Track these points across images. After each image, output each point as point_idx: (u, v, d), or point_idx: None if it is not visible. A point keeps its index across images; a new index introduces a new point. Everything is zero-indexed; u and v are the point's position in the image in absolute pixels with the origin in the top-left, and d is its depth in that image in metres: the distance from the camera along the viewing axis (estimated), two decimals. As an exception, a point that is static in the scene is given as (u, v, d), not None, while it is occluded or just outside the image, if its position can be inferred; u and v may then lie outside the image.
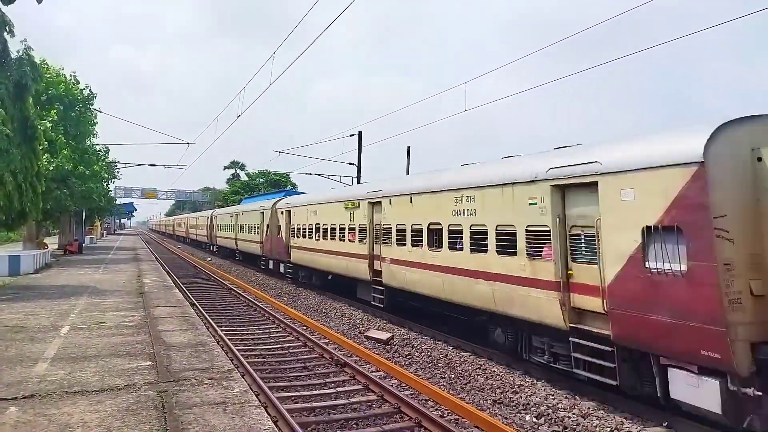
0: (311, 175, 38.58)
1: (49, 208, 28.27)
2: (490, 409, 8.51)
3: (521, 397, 8.95)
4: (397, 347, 12.53)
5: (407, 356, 11.81)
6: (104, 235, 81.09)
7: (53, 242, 42.50)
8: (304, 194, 26.84)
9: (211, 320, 14.81)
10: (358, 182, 31.91)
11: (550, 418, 8.07)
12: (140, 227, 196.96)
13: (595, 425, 7.72)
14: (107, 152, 39.83)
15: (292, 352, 12.15)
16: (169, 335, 10.22)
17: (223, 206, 60.60)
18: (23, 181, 17.47)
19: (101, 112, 34.07)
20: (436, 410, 8.26)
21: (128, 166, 44.36)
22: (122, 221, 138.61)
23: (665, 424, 7.59)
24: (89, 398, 6.40)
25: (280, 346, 12.73)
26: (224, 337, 12.67)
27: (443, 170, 13.72)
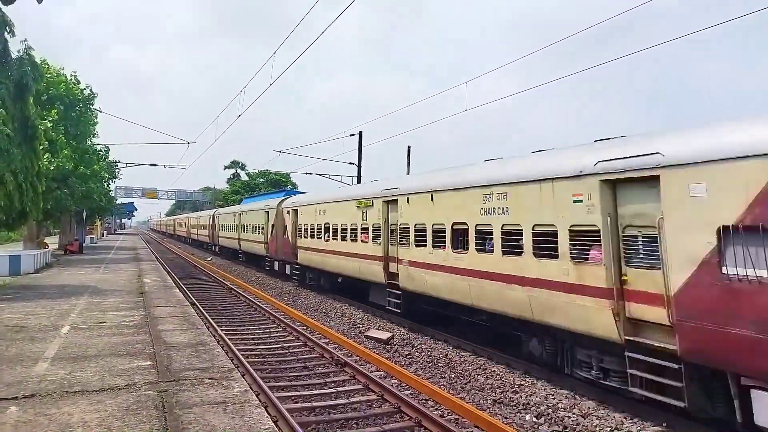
0: (311, 175, 38.64)
1: (49, 207, 28.30)
2: (490, 408, 8.52)
3: (521, 396, 8.95)
4: (397, 347, 12.54)
5: (407, 356, 11.82)
6: (104, 234, 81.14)
7: (54, 242, 42.54)
8: (311, 193, 25.92)
9: (211, 320, 14.83)
10: (358, 182, 31.77)
11: (550, 417, 8.08)
12: (140, 227, 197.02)
13: (595, 425, 7.72)
14: (107, 152, 39.90)
15: (292, 351, 12.17)
16: (169, 335, 10.23)
17: (223, 206, 60.51)
18: (24, 180, 17.47)
19: (101, 111, 34.10)
20: (436, 410, 8.27)
21: (128, 166, 44.45)
22: (122, 221, 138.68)
23: (665, 424, 7.59)
24: (89, 398, 6.41)
25: (280, 345, 12.74)
26: (224, 336, 12.69)
27: (468, 166, 12.65)
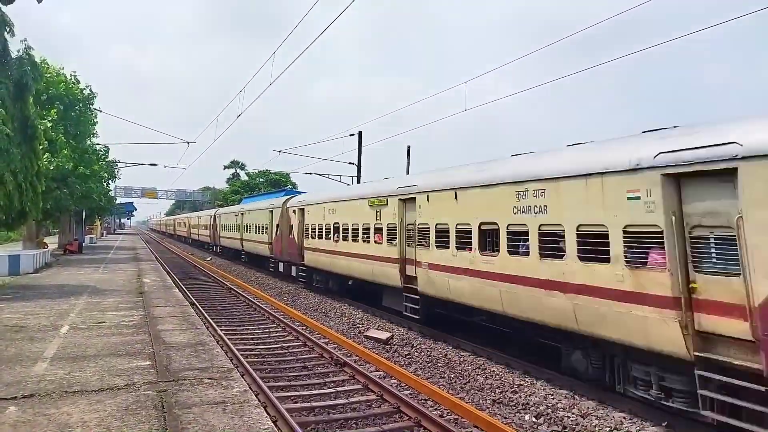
0: (311, 174, 38.63)
1: (48, 207, 28.30)
2: (489, 408, 8.52)
3: (520, 396, 8.96)
4: (396, 347, 12.54)
5: (407, 356, 11.82)
6: (104, 234, 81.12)
7: (53, 242, 42.52)
8: (319, 192, 24.83)
9: (210, 320, 14.83)
10: (358, 182, 31.59)
11: (549, 417, 8.08)
12: (140, 227, 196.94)
13: (594, 425, 7.72)
14: (107, 152, 39.89)
15: (291, 351, 12.16)
16: (168, 335, 10.22)
17: (222, 206, 60.44)
18: (23, 180, 17.47)
19: (101, 111, 34.11)
20: (435, 410, 8.28)
21: (128, 165, 44.43)
22: (122, 221, 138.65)
23: (665, 423, 7.59)
24: (89, 398, 6.40)
25: (279, 345, 12.74)
26: (224, 336, 12.69)
27: (495, 160, 11.76)
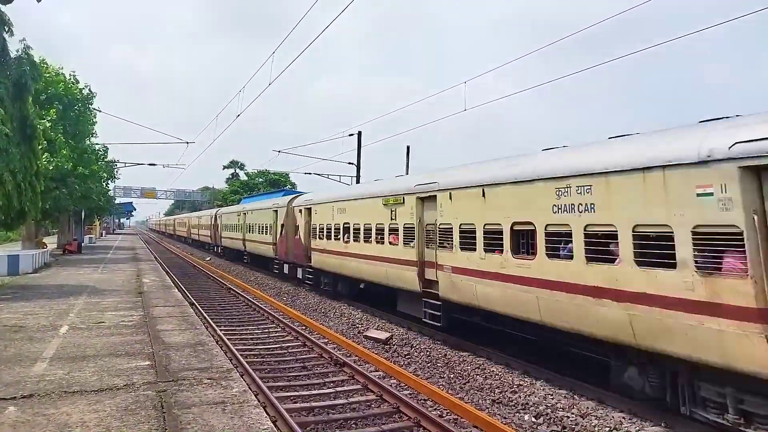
0: (310, 174, 38.64)
1: (48, 207, 28.29)
2: (488, 408, 8.52)
3: (520, 396, 8.96)
4: (396, 347, 12.54)
5: (406, 356, 11.82)
6: (103, 234, 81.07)
7: (52, 242, 42.46)
8: (327, 190, 23.87)
9: (210, 320, 14.82)
10: (357, 182, 31.48)
11: (548, 417, 8.08)
12: (139, 227, 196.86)
13: (594, 425, 7.72)
14: (106, 151, 39.89)
15: (291, 351, 12.16)
16: (168, 335, 10.22)
17: (222, 206, 60.37)
18: (22, 180, 17.45)
19: (100, 111, 34.13)
20: (435, 410, 8.27)
21: (127, 165, 44.48)
22: (121, 221, 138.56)
23: (664, 423, 7.59)
24: (88, 398, 6.39)
25: (279, 345, 12.73)
26: (223, 336, 12.68)
27: (528, 155, 10.77)
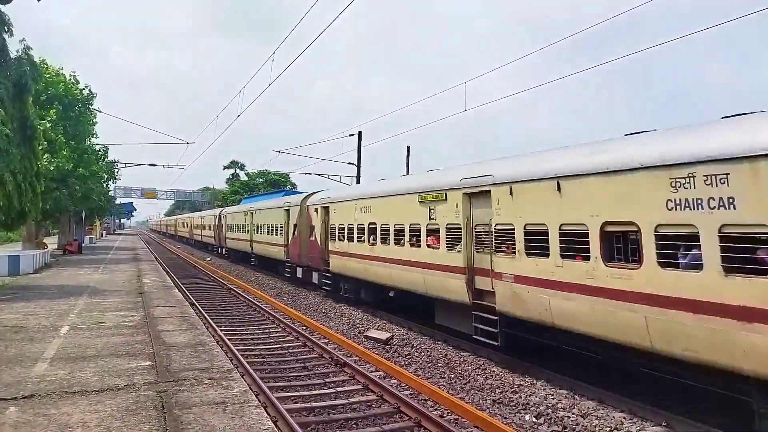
0: (311, 175, 38.66)
1: (48, 208, 28.29)
2: (489, 408, 8.52)
3: (521, 396, 8.96)
4: (396, 347, 12.54)
5: (407, 356, 11.82)
6: (104, 235, 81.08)
7: (53, 242, 42.49)
8: (347, 186, 21.67)
9: (210, 320, 14.83)
10: (357, 182, 31.21)
11: (549, 417, 8.08)
12: (140, 227, 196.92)
13: (594, 425, 7.72)
14: (106, 152, 39.90)
15: (291, 352, 12.16)
16: (168, 335, 10.22)
17: (222, 206, 60.31)
18: (23, 181, 17.46)
19: (101, 111, 34.15)
20: (435, 410, 8.28)
21: (128, 166, 44.50)
22: (122, 221, 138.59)
23: (664, 423, 7.59)
24: (89, 398, 6.40)
25: (279, 346, 12.74)
26: (224, 337, 12.69)
27: (615, 139, 9.08)
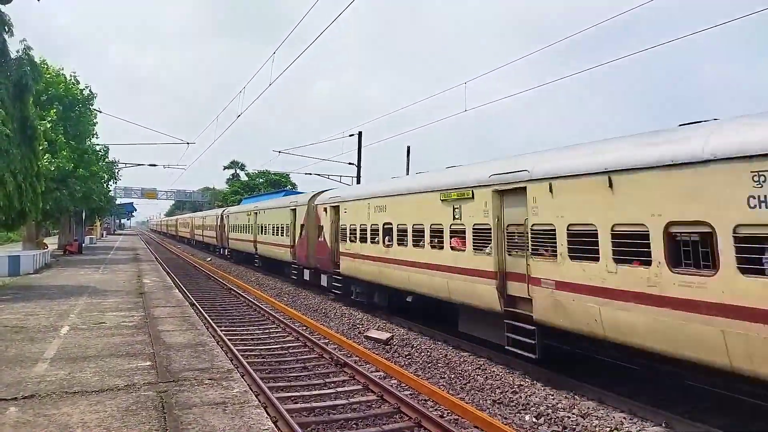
0: (311, 175, 38.66)
1: (48, 208, 28.29)
2: (489, 408, 8.52)
3: (521, 396, 8.96)
4: (396, 347, 12.54)
5: (407, 356, 11.82)
6: (104, 235, 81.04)
7: (53, 242, 42.50)
8: (359, 185, 20.55)
9: (210, 320, 14.84)
10: (358, 182, 31.09)
11: (549, 417, 8.08)
12: (140, 227, 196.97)
13: (594, 425, 7.72)
14: (107, 152, 39.92)
15: (291, 352, 12.17)
16: (168, 335, 10.22)
17: (222, 206, 60.28)
18: (23, 181, 17.46)
19: (101, 112, 34.16)
20: (435, 410, 8.28)
21: (128, 166, 44.54)
22: (122, 221, 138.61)
23: (664, 423, 7.60)
24: (89, 398, 6.40)
25: (279, 346, 12.74)
26: (224, 337, 12.69)
27: (673, 129, 7.90)
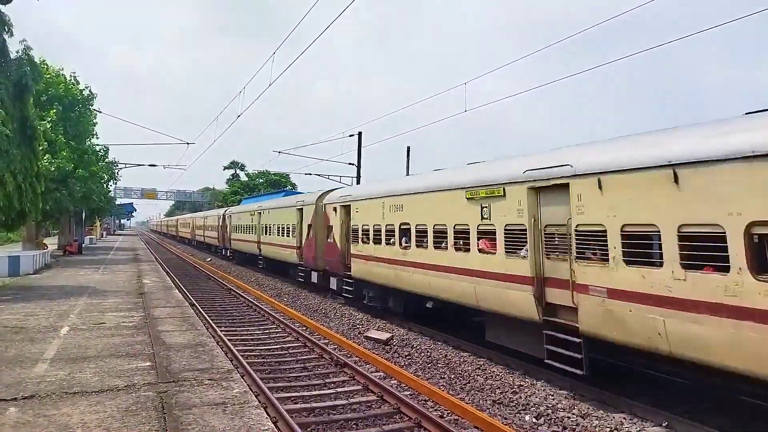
0: (311, 175, 38.67)
1: (48, 208, 28.28)
2: (489, 409, 8.52)
3: (521, 397, 8.96)
4: (396, 347, 12.54)
5: (407, 356, 11.82)
6: (104, 235, 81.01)
7: (53, 243, 42.49)
8: (372, 182, 19.38)
9: (210, 321, 14.84)
10: (357, 182, 30.96)
11: (549, 418, 8.08)
12: (140, 228, 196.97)
13: (594, 425, 7.72)
14: (107, 152, 39.91)
15: (291, 352, 12.16)
16: (168, 336, 10.22)
17: (222, 206, 60.23)
18: (23, 181, 17.46)
19: (101, 112, 34.17)
20: (435, 410, 8.27)
21: (128, 166, 44.50)
22: (122, 222, 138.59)
23: (664, 424, 7.60)
24: (89, 399, 6.40)
25: (279, 346, 12.74)
26: (224, 337, 12.69)
27: (745, 117, 7.16)
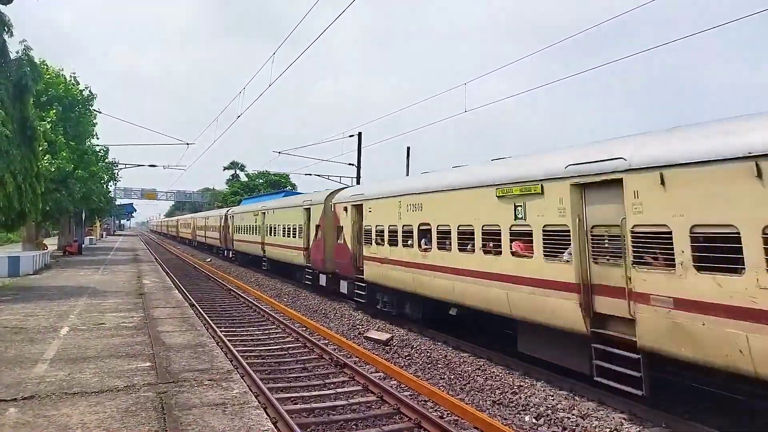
0: (311, 175, 38.69)
1: (48, 209, 28.28)
2: (489, 409, 8.52)
3: (521, 397, 8.96)
4: (396, 348, 12.54)
5: (407, 357, 11.82)
6: (104, 236, 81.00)
7: (53, 243, 42.48)
8: (386, 180, 18.30)
9: (210, 321, 14.84)
10: (357, 182, 30.92)
11: (549, 418, 8.08)
12: (140, 228, 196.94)
13: (594, 426, 7.72)
14: (107, 152, 39.91)
15: (291, 353, 12.16)
16: (168, 336, 10.22)
17: (222, 207, 60.20)
18: (23, 182, 17.44)
19: (101, 112, 34.15)
20: (435, 411, 8.28)
21: (128, 166, 44.57)
22: (122, 222, 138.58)
23: (664, 424, 7.60)
24: (89, 399, 6.40)
25: (279, 346, 12.74)
26: (224, 338, 12.69)
27: None
